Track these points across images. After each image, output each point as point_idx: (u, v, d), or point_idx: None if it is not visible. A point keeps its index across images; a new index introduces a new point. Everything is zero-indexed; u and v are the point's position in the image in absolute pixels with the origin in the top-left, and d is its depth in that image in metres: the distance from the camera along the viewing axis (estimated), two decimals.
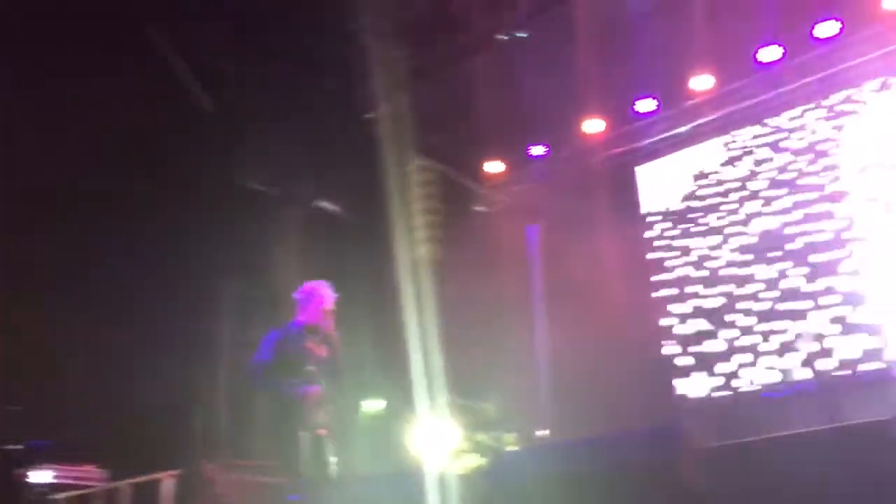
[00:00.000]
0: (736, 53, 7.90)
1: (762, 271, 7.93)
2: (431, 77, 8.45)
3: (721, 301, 8.20)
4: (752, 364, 7.57)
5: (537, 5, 7.68)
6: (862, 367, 6.74)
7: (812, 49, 7.79)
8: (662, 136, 8.79)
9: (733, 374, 7.67)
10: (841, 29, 7.47)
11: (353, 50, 8.17)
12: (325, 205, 9.26)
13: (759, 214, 8.18)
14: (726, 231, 8.38)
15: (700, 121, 8.57)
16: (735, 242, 8.30)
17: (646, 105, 8.55)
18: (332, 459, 5.09)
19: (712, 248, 8.44)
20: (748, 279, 8.00)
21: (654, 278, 8.70)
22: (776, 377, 7.17)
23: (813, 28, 7.58)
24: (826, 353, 7.04)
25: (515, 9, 7.78)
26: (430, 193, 11.02)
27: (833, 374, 6.51)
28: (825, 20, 7.49)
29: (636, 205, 9.00)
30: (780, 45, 7.72)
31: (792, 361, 7.01)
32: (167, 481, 7.48)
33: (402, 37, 8.23)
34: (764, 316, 7.71)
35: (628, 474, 3.10)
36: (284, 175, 8.73)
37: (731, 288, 8.15)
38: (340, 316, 9.16)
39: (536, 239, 9.00)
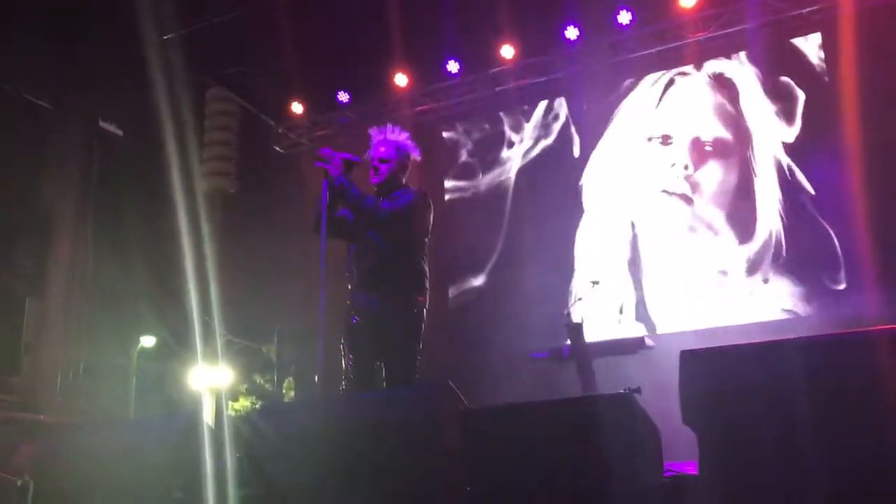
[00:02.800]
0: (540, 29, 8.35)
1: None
2: (237, 5, 8.22)
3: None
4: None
5: None
6: (617, 336, 7.59)
7: (609, 34, 8.45)
8: (463, 98, 9.14)
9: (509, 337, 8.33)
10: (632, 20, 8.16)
11: None
12: (108, 126, 8.78)
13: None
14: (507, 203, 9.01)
15: (498, 89, 9.01)
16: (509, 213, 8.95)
17: (452, 67, 8.84)
18: None
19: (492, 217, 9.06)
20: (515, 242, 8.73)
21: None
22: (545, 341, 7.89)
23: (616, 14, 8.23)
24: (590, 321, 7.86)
25: None
26: (227, 125, 10.75)
27: (591, 340, 7.25)
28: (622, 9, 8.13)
29: (436, 167, 9.33)
30: (577, 27, 8.27)
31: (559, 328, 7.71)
32: None
33: None
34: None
35: (392, 430, 3.32)
36: (63, 89, 8.18)
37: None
38: (114, 247, 8.86)
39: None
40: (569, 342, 6.59)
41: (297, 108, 9.53)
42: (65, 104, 8.18)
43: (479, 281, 8.97)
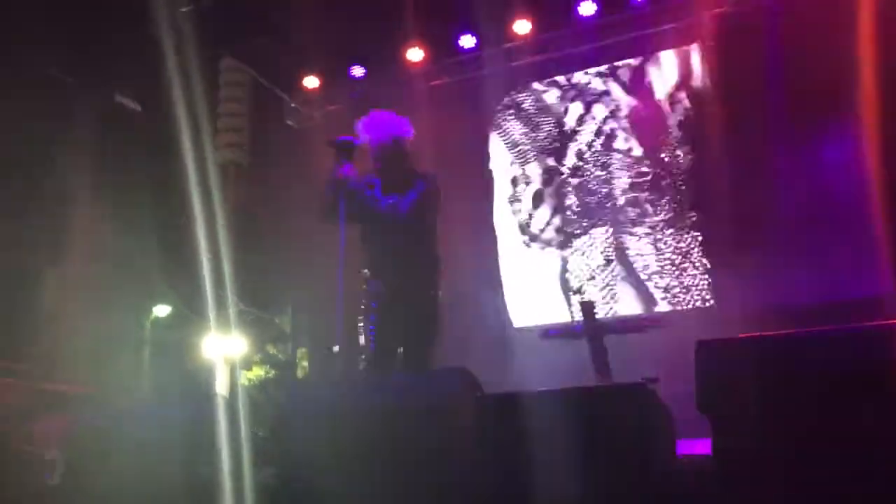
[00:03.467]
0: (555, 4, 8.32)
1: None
2: None
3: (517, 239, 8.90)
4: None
5: None
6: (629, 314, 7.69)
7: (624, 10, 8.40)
8: (477, 73, 9.11)
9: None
10: None
11: None
12: (124, 100, 8.81)
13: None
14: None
15: (514, 64, 8.97)
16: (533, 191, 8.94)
17: (467, 41, 8.81)
18: None
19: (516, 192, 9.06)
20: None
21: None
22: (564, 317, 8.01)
23: None
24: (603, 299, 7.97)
25: None
26: (238, 97, 10.75)
27: (604, 318, 7.33)
28: None
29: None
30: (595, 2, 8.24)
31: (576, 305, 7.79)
32: None
33: None
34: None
35: (410, 415, 3.40)
36: (81, 62, 8.20)
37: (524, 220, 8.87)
38: (129, 218, 8.92)
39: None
40: (581, 320, 6.66)
41: (310, 82, 9.52)
42: (81, 78, 8.20)
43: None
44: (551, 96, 9.02)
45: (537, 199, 8.88)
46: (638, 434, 2.94)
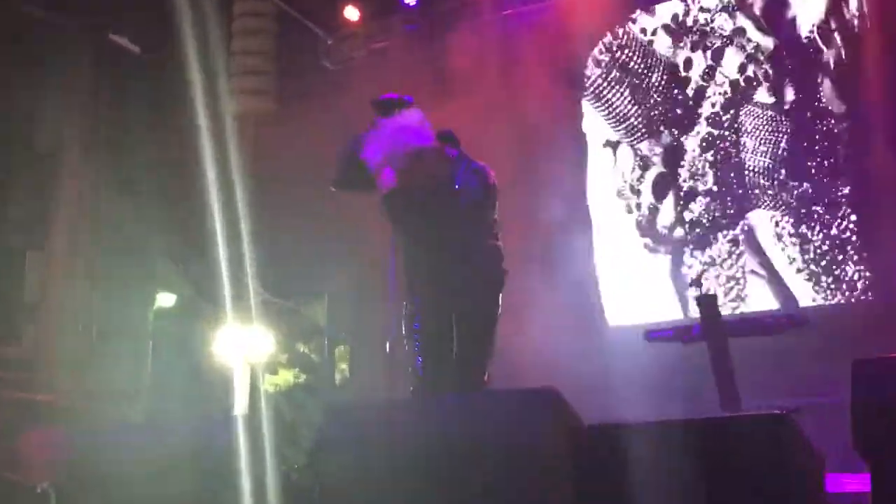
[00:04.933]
0: None
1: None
2: None
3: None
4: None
5: None
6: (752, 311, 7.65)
7: None
8: None
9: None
10: None
11: None
12: (121, 40, 9.01)
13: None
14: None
15: None
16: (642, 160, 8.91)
17: None
18: None
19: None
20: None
21: None
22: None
23: None
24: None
25: None
26: (259, 28, 10.84)
27: (729, 316, 7.28)
28: None
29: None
30: None
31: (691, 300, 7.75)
32: None
33: None
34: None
35: (487, 446, 3.44)
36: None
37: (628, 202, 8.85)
38: (127, 186, 9.10)
39: None
40: (698, 318, 6.59)
41: (351, 13, 9.58)
42: (67, 15, 8.41)
43: None
44: (663, 44, 8.83)
45: (659, 188, 8.68)
46: (776, 480, 2.93)
